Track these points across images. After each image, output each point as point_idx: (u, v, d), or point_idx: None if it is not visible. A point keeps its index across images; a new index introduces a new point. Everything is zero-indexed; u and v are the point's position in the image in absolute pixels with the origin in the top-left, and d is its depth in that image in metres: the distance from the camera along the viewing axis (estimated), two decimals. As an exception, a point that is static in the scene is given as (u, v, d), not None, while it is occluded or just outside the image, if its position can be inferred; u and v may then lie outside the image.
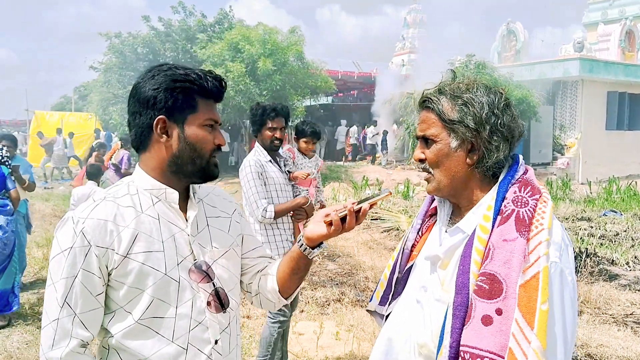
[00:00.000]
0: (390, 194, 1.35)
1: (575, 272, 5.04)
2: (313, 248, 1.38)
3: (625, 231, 8.24)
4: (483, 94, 1.24)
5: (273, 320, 3.26)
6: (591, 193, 13.25)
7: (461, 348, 1.13)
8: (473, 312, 1.13)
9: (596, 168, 18.54)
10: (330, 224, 1.32)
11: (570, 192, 13.26)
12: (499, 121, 1.22)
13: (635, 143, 20.55)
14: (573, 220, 9.36)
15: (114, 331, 1.27)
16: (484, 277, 1.13)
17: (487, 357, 1.09)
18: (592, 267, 6.10)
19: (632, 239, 7.72)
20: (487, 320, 1.11)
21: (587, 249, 6.69)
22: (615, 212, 9.94)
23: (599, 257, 6.54)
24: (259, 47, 15.50)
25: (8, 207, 4.67)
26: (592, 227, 8.63)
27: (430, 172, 1.29)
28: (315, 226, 1.35)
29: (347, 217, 1.30)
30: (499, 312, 1.10)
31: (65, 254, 1.21)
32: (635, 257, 6.68)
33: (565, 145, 19.44)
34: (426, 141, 1.29)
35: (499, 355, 1.09)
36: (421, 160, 1.30)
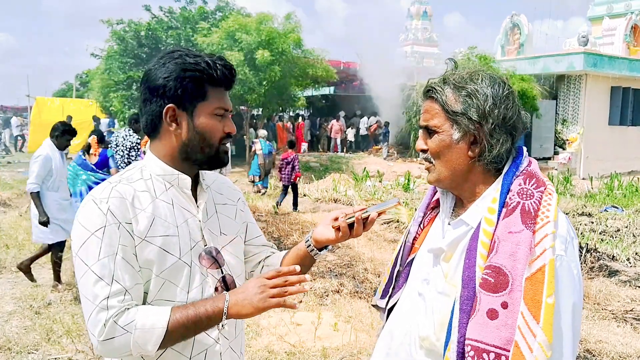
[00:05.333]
0: (399, 203, 1.36)
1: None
2: (320, 249, 1.43)
3: (627, 227, 8.21)
4: (488, 85, 1.21)
5: None
6: (592, 188, 13.24)
7: (466, 342, 1.11)
8: (478, 306, 1.11)
9: (598, 163, 18.51)
10: (338, 229, 1.35)
11: (571, 187, 13.24)
12: (503, 114, 1.19)
13: (638, 139, 20.49)
14: (574, 215, 9.34)
15: None
16: (490, 270, 1.11)
17: (492, 351, 1.08)
18: (592, 263, 6.09)
19: (634, 235, 7.70)
20: (492, 314, 1.09)
21: (587, 244, 6.67)
22: (617, 207, 9.93)
23: (599, 252, 6.53)
24: (256, 36, 15.32)
25: None
26: (593, 223, 8.61)
27: (431, 162, 1.28)
28: (324, 229, 1.40)
29: (355, 224, 1.34)
30: (504, 305, 1.08)
31: (99, 235, 1.20)
32: (636, 254, 6.66)
33: (567, 140, 19.38)
34: (429, 131, 1.26)
35: (504, 349, 1.07)
36: (423, 150, 1.29)
